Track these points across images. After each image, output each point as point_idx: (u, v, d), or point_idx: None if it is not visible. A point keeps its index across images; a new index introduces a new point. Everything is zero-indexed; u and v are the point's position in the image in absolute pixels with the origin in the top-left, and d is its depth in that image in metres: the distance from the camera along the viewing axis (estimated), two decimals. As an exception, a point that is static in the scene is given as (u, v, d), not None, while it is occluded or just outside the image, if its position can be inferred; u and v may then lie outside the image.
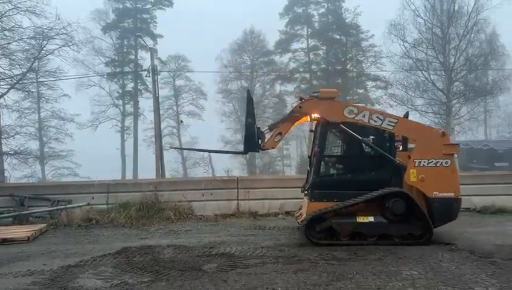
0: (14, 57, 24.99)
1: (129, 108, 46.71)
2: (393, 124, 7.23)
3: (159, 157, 23.14)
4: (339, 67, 46.81)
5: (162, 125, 36.35)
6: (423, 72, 31.24)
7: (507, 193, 10.95)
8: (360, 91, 46.95)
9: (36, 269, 5.97)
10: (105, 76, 43.80)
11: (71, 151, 40.14)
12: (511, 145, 41.03)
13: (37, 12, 23.00)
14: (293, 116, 7.52)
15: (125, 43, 47.54)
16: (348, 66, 46.77)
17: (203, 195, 11.04)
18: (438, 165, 7.15)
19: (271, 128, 7.94)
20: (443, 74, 31.11)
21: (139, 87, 46.30)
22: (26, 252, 7.20)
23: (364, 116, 7.21)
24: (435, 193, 7.09)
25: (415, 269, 5.52)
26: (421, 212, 6.97)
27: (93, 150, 40.52)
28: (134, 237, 8.45)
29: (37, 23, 24.11)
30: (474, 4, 29.72)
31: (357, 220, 7.00)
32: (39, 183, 25.42)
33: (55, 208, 10.41)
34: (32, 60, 28.85)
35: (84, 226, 9.64)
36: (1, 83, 24.48)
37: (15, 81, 25.95)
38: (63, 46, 26.06)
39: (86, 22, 37.50)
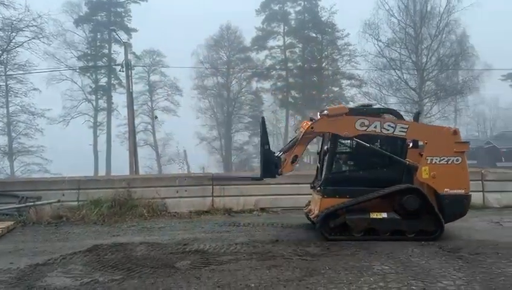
0: (-20, 49, 24.15)
1: (102, 103, 45.83)
2: (405, 130, 7.33)
3: (133, 153, 22.77)
4: (314, 65, 47.27)
5: (136, 121, 35.83)
6: (396, 71, 31.93)
7: (475, 189, 11.23)
8: (335, 89, 47.57)
9: (2, 267, 5.77)
10: (77, 70, 42.83)
11: (41, 147, 39.15)
12: (479, 144, 42.43)
13: (5, 3, 22.30)
14: (306, 138, 7.56)
15: (99, 36, 46.61)
16: (324, 64, 47.30)
17: (177, 192, 10.93)
18: (449, 162, 7.28)
19: (284, 151, 7.95)
20: (415, 73, 31.85)
21: (112, 82, 45.48)
22: (-8, 250, 6.96)
23: (376, 126, 7.28)
24: (446, 189, 7.22)
25: (386, 264, 5.62)
26: (433, 209, 7.10)
27: (65, 146, 39.62)
28: (106, 234, 8.29)
29: (6, 14, 23.35)
30: (446, 5, 30.58)
31: (371, 216, 7.10)
32: (7, 179, 24.61)
33: (23, 205, 10.11)
34: (0, 52, 27.92)
35: (54, 224, 9.38)
36: (-33, 76, 23.60)
37: (-18, 74, 25.06)
38: (33, 38, 25.39)
39: (57, 14, 36.62)
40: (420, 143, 7.72)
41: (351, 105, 8.83)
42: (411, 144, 7.71)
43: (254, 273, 5.27)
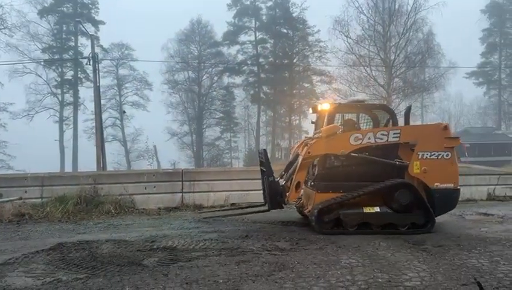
0: None
1: (68, 97, 44.60)
2: (398, 136, 7.46)
3: (100, 149, 22.26)
4: (286, 61, 47.46)
5: (104, 116, 35.12)
6: (365, 68, 32.44)
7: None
8: (306, 85, 48.00)
9: (-41, 268, 5.51)
10: (42, 63, 41.40)
11: (4, 143, 37.76)
12: (444, 139, 43.69)
13: (-37, -8, 21.23)
14: (305, 163, 7.56)
15: (64, 28, 45.22)
16: (295, 60, 47.58)
17: (145, 188, 10.75)
18: (439, 157, 7.44)
19: (286, 180, 7.91)
20: (384, 70, 32.46)
21: (79, 75, 44.28)
22: None
23: (369, 138, 7.39)
24: (436, 184, 7.40)
25: (354, 257, 5.69)
26: (424, 203, 7.27)
27: (29, 142, 38.23)
28: (71, 232, 8.05)
29: (-37, 3, 22.28)
30: (413, 4, 31.24)
31: (364, 211, 7.20)
32: (-33, 176, 23.60)
33: (-18, 202, 9.71)
34: (-42, 43, 26.64)
35: (15, 222, 9.04)
36: None
37: None
38: (-6, 29, 24.25)
39: (20, 4, 35.29)
40: None
41: (342, 100, 8.93)
42: None
43: (223, 269, 5.24)
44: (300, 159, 7.52)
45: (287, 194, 7.62)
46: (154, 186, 10.79)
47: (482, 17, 52.97)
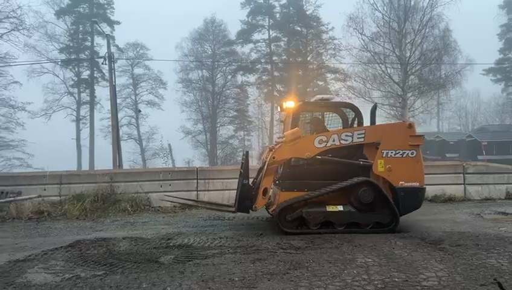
0: (-42, 40, 23.45)
1: (85, 97, 45.16)
2: (363, 136, 7.41)
3: (116, 147, 22.55)
4: (299, 59, 47.27)
5: (120, 115, 35.50)
6: (380, 65, 32.13)
7: (456, 182, 11.51)
8: (320, 83, 47.68)
9: (-19, 264, 5.65)
10: (59, 63, 42.02)
11: (23, 141, 38.45)
12: (461, 137, 43.14)
13: (-17, -6, 21.68)
14: (271, 169, 7.46)
15: (81, 29, 45.80)
16: (309, 58, 47.35)
17: (161, 186, 10.85)
18: (404, 155, 7.36)
19: (253, 183, 7.88)
20: (399, 67, 32.10)
21: (95, 75, 44.79)
22: (-30, 247, 6.80)
23: (334, 140, 7.34)
24: (401, 182, 7.31)
25: (370, 256, 5.66)
26: (388, 202, 7.19)
27: (47, 140, 38.89)
28: (88, 229, 8.18)
29: (-16, 5, 22.72)
30: (429, 0, 30.78)
31: (327, 209, 7.15)
32: (-13, 174, 24.11)
33: (3, 200, 9.93)
34: (-22, 44, 27.20)
35: (35, 219, 9.23)
36: None
37: (-41, 66, 24.38)
38: (13, 30, 24.78)
39: (38, 5, 35.90)
40: None
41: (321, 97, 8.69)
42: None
43: (238, 267, 5.26)
44: (266, 165, 7.44)
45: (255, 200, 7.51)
46: (170, 185, 10.88)
47: (500, 12, 51.95)
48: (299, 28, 47.93)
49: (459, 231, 7.26)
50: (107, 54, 23.09)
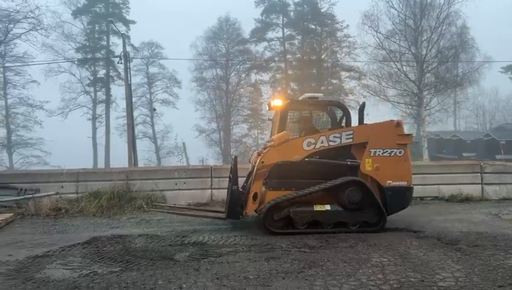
0: (-22, 40, 23.95)
1: (101, 95, 45.71)
2: (351, 137, 7.37)
3: (132, 146, 22.77)
4: (313, 57, 47.05)
5: (135, 114, 35.76)
6: (396, 63, 31.76)
7: (473, 181, 11.33)
8: (335, 81, 47.40)
9: (1, 259, 5.77)
10: (75, 62, 42.60)
11: (40, 140, 39.10)
12: (478, 136, 42.44)
13: (3, -5, 22.09)
14: (260, 173, 7.42)
15: (97, 28, 46.35)
16: (323, 56, 47.11)
17: (176, 184, 10.92)
18: (392, 154, 7.32)
19: (243, 187, 7.88)
20: (415, 65, 31.69)
21: (111, 74, 45.30)
22: (-9, 242, 6.96)
23: (322, 142, 7.32)
24: (388, 181, 7.27)
25: (385, 255, 5.63)
26: (375, 201, 7.14)
27: (64, 138, 39.47)
28: (104, 226, 8.30)
29: (3, 5, 23.16)
30: (447, -3, 30.31)
31: (314, 209, 7.11)
32: (6, 171, 24.56)
33: (22, 197, 10.10)
34: (-2, 44, 27.74)
35: (52, 216, 9.38)
36: (-36, 68, 23.47)
37: (-21, 66, 24.90)
38: (31, 30, 25.15)
39: (55, 5, 36.44)
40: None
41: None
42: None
43: (253, 265, 5.28)
44: (255, 170, 7.41)
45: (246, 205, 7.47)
46: (185, 183, 10.95)
47: (519, 9, 50.88)
48: (313, 26, 47.68)
49: (476, 231, 7.16)
50: (122, 53, 23.30)
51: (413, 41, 31.61)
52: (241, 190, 7.83)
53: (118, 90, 42.66)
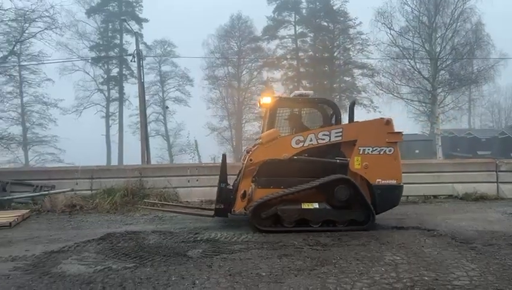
0: (-6, 39, 24.34)
1: (114, 93, 46.17)
2: (340, 134, 7.31)
3: (144, 143, 22.96)
4: (326, 55, 46.86)
5: (148, 112, 35.99)
6: (409, 60, 31.47)
7: (489, 180, 11.17)
8: (347, 79, 47.15)
9: (18, 254, 5.88)
10: (89, 60, 43.08)
11: (55, 137, 39.66)
12: (493, 134, 41.83)
13: (18, -6, 22.41)
14: (249, 171, 7.43)
15: (110, 27, 46.78)
16: (335, 54, 46.86)
17: (188, 181, 10.99)
18: (381, 153, 7.23)
19: (234, 185, 7.86)
20: (429, 62, 31.36)
21: (124, 72, 45.71)
22: (8, 237, 7.08)
23: (311, 140, 7.27)
24: (378, 180, 7.18)
25: (398, 254, 5.59)
26: (364, 199, 7.07)
27: (78, 136, 39.96)
28: (118, 223, 8.39)
29: (19, 5, 23.51)
30: (462, -7, 29.89)
31: (302, 207, 7.06)
32: (22, 168, 25.00)
33: (38, 193, 10.27)
34: (14, 43, 28.18)
35: (67, 212, 9.52)
36: (-19, 66, 23.88)
37: (-4, 64, 25.31)
38: (46, 29, 25.49)
39: (69, 4, 36.81)
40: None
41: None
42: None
43: (265, 262, 5.30)
44: (243, 168, 7.37)
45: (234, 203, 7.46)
46: (197, 180, 11.01)
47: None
48: (325, 23, 47.43)
49: (491, 230, 7.06)
50: (135, 52, 23.49)
51: (427, 38, 31.26)
52: (231, 187, 7.81)
53: (131, 89, 43.09)
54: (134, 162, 23.16)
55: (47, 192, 10.21)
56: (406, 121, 37.45)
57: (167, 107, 44.18)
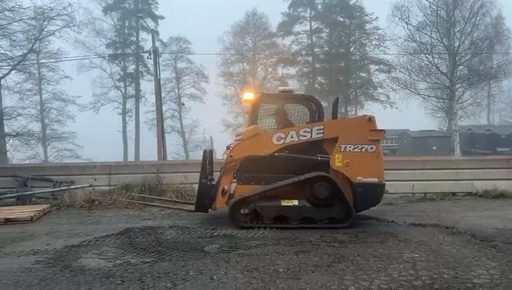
0: (14, 37, 24.87)
1: (131, 90, 46.63)
2: (322, 131, 7.23)
3: (161, 140, 23.17)
4: (341, 50, 46.46)
5: (164, 108, 36.34)
6: (427, 55, 30.99)
7: (509, 177, 10.95)
8: (363, 75, 46.67)
9: (40, 248, 6.00)
10: (106, 58, 43.57)
11: (73, 134, 40.30)
12: (513, 131, 40.96)
13: (37, -8, 22.79)
14: (230, 167, 7.42)
15: (127, 24, 47.23)
16: (351, 49, 46.44)
17: (204, 177, 11.02)
18: (363, 150, 7.13)
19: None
20: (447, 57, 30.84)
21: (140, 69, 46.13)
22: (30, 232, 7.24)
23: (292, 137, 7.22)
24: (359, 178, 7.09)
25: (416, 251, 5.54)
26: (343, 197, 6.99)
27: (95, 132, 40.55)
28: (136, 218, 8.50)
29: (38, 3, 23.91)
30: (481, -14, 29.28)
31: (282, 204, 7.03)
32: (42, 164, 25.49)
33: (58, 189, 10.47)
34: (33, 41, 28.68)
35: (86, 207, 9.67)
36: (2, 64, 24.36)
37: (16, 62, 25.81)
38: (64, 27, 25.97)
39: (86, 2, 37.33)
40: None
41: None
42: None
43: (282, 258, 5.31)
44: (224, 165, 7.33)
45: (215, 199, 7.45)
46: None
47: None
48: (341, 19, 47.01)
49: (511, 228, 6.94)
50: (151, 49, 23.68)
51: (445, 32, 30.73)
52: (213, 183, 7.82)
53: (147, 85, 43.45)
54: (150, 158, 23.42)
55: (67, 187, 10.39)
56: (423, 117, 37.02)
57: (183, 104, 44.47)
